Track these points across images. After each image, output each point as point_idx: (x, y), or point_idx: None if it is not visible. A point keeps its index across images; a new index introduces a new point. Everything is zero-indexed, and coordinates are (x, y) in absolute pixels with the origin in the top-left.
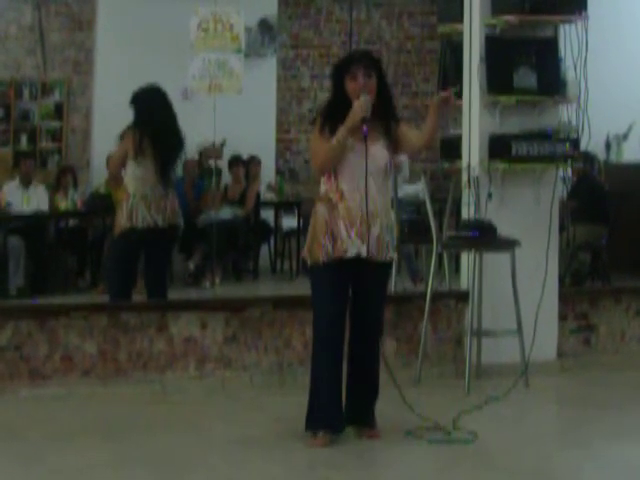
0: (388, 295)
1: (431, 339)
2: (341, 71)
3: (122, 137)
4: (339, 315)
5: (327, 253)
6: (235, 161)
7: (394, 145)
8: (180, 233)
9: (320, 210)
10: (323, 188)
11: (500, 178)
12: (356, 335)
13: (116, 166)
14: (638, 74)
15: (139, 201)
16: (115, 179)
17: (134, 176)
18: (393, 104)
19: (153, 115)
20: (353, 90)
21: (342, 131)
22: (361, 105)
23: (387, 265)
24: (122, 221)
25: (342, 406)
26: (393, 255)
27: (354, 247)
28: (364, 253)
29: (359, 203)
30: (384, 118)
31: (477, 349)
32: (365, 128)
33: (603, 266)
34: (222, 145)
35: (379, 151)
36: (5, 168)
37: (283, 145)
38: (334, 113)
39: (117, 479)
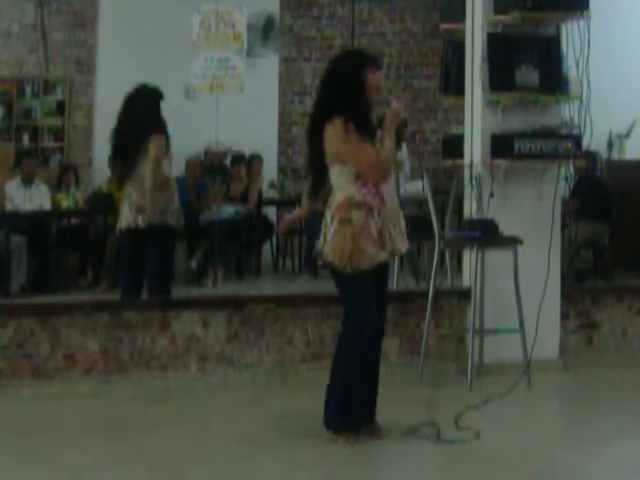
0: (390, 293)
1: (433, 337)
2: (363, 64)
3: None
4: (378, 319)
5: (373, 260)
6: (237, 159)
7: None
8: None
9: (358, 217)
10: (356, 195)
11: (502, 176)
12: None
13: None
14: None
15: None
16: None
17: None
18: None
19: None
20: (374, 80)
21: (389, 137)
22: (398, 108)
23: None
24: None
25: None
26: None
27: (401, 245)
28: (404, 248)
29: (395, 204)
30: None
31: (479, 347)
32: (411, 129)
33: (605, 264)
34: (225, 153)
35: None
36: (7, 166)
37: (285, 143)
38: (363, 114)
39: (119, 477)
